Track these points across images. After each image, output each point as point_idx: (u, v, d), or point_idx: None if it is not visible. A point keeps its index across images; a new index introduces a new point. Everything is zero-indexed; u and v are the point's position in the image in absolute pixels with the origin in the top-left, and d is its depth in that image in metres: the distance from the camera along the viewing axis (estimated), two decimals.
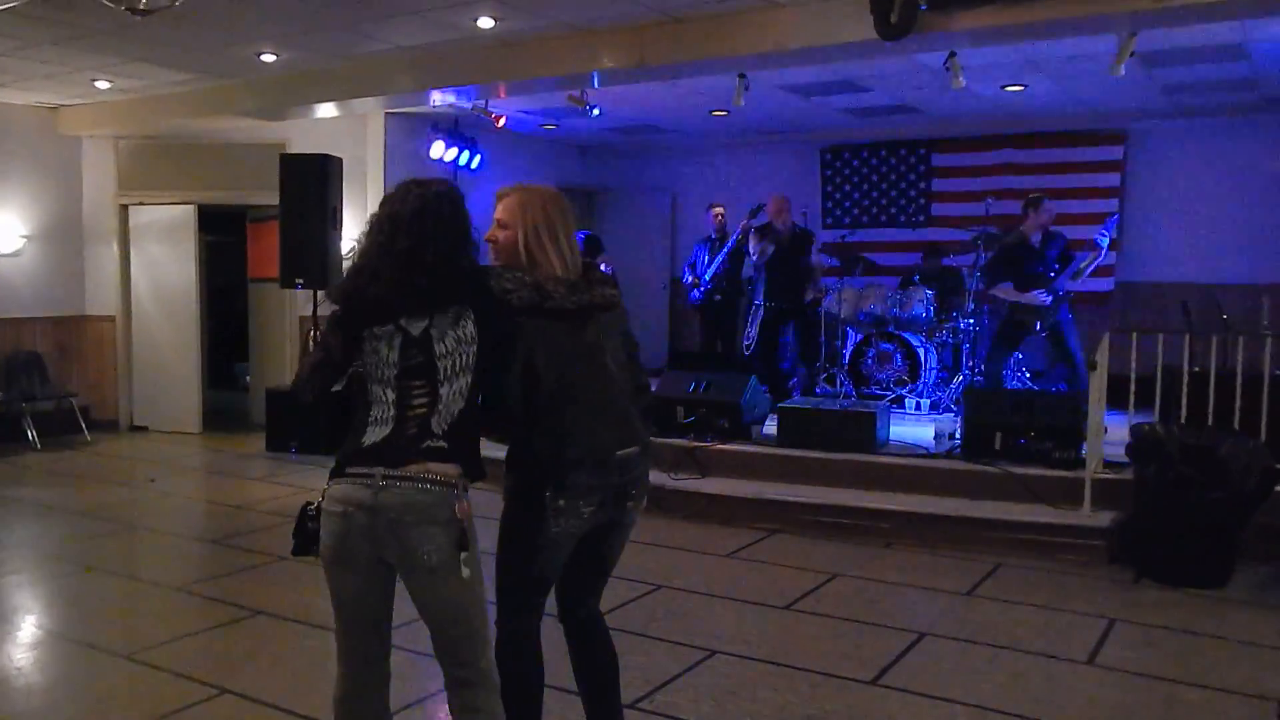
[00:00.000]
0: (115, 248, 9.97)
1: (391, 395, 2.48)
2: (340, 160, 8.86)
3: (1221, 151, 9.20)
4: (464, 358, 2.48)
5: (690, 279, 9.34)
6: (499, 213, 2.72)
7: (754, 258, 8.75)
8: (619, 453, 2.68)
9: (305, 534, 3.02)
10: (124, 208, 9.97)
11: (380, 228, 2.51)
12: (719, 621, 4.66)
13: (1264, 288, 8.21)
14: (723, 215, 9.32)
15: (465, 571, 2.42)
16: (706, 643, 4.31)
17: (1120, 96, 8.35)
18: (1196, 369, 5.97)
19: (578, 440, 2.62)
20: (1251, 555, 5.23)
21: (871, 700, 3.77)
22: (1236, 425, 5.59)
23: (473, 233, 2.56)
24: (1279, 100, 8.41)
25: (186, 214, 9.78)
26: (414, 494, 2.41)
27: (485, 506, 2.71)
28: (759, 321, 8.77)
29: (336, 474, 2.49)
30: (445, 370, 2.48)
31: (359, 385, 2.54)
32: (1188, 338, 6.11)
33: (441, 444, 2.45)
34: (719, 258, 9.02)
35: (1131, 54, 6.19)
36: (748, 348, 8.91)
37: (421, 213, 2.49)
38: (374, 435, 2.47)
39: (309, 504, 2.95)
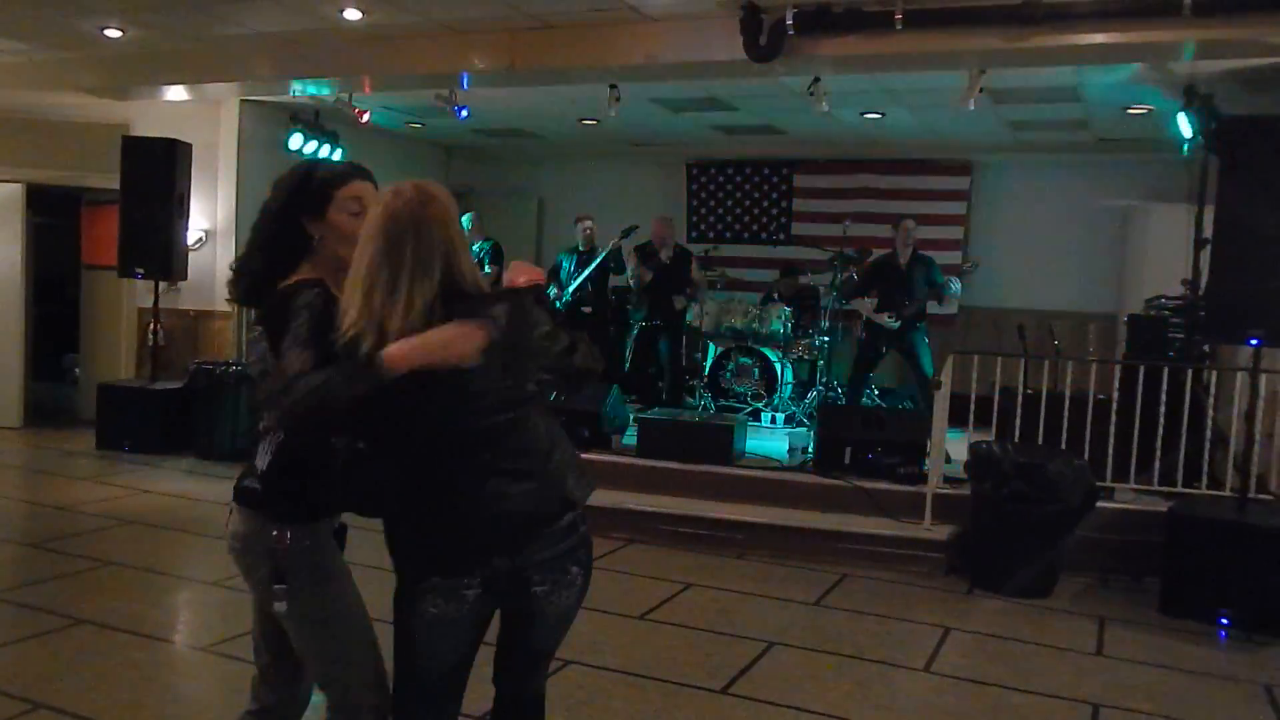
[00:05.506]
0: None
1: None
2: (190, 146, 8.43)
3: (1056, 186, 9.80)
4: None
5: (553, 289, 9.06)
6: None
7: (633, 283, 8.68)
8: (513, 524, 2.16)
9: None
10: None
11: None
12: (573, 631, 4.53)
13: (1091, 315, 8.80)
14: (592, 228, 9.04)
15: (280, 606, 2.17)
16: (560, 653, 4.25)
17: (969, 129, 8.79)
18: (1030, 390, 6.32)
19: (457, 505, 2.12)
20: (1073, 567, 5.57)
21: (721, 709, 3.82)
22: (1064, 444, 5.95)
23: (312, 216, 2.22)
24: (1107, 141, 9.02)
25: (13, 193, 9.10)
26: (238, 523, 2.25)
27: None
28: (634, 339, 8.75)
29: None
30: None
31: None
32: (1023, 361, 6.47)
33: (255, 485, 2.21)
34: (585, 272, 8.79)
35: (981, 90, 6.55)
36: (625, 365, 8.86)
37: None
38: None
39: None
